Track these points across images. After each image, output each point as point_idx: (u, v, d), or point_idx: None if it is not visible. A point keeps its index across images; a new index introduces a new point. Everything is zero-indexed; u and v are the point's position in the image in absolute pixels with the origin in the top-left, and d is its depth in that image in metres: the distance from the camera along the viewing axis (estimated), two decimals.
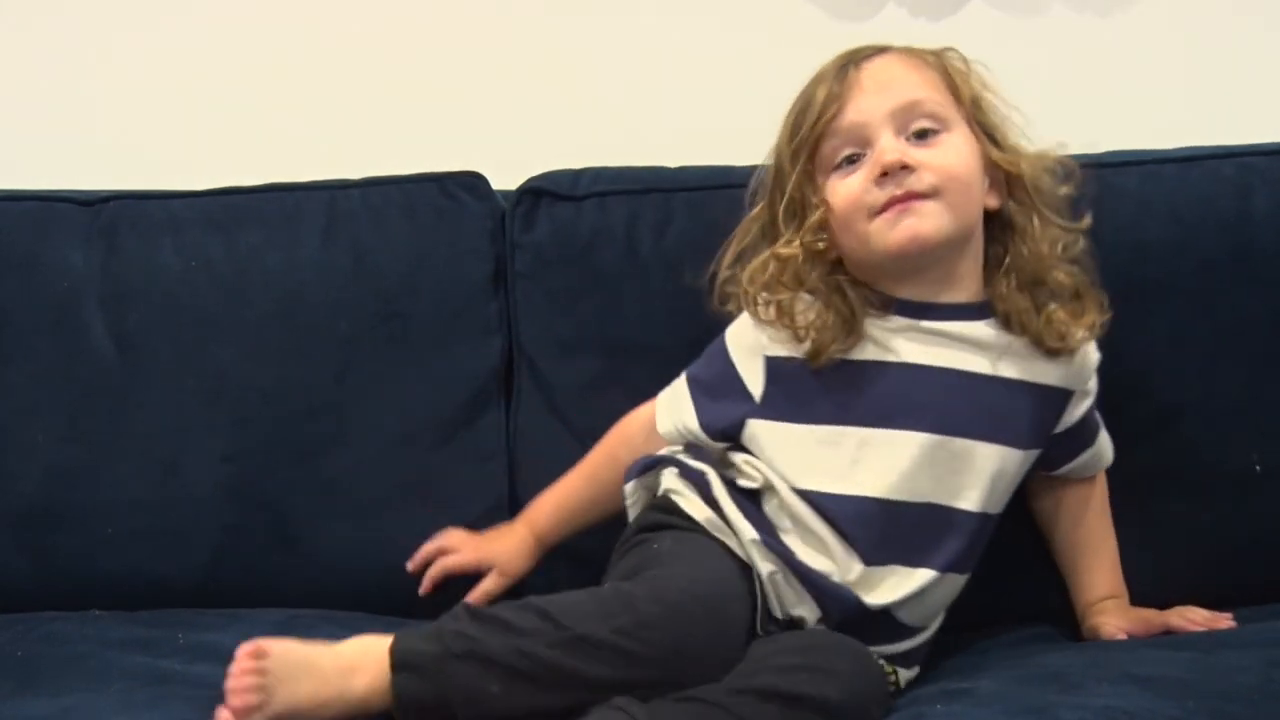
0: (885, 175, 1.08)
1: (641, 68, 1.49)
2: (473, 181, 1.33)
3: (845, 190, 1.09)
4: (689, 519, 1.10)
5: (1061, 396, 1.14)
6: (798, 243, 1.10)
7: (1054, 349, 1.11)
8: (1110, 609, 1.16)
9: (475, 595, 1.19)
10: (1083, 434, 1.17)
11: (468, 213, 1.32)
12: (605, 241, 1.28)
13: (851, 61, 1.13)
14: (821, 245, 1.10)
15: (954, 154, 1.10)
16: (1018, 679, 1.02)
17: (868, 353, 1.11)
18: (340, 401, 1.26)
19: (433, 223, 1.31)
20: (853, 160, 1.10)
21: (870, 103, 1.10)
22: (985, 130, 1.13)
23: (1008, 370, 1.12)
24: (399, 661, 0.96)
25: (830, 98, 1.11)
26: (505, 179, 1.34)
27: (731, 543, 1.08)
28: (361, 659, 0.97)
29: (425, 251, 1.30)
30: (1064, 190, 1.14)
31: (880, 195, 1.08)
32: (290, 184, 1.34)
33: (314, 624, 1.18)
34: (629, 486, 1.17)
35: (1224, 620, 1.12)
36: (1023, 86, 1.47)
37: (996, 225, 1.14)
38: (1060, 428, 1.15)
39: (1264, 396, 1.23)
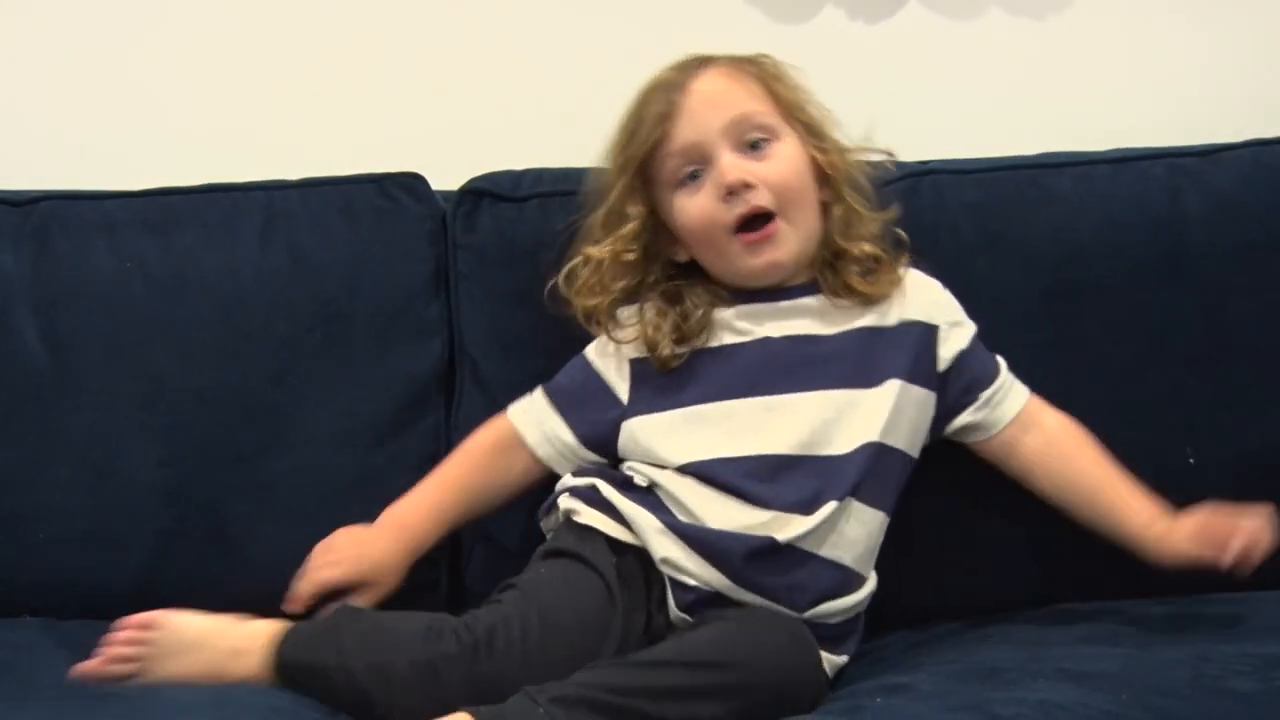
0: (731, 194, 1.14)
1: (583, 69, 1.49)
2: (412, 183, 1.33)
3: (696, 210, 1.16)
4: (592, 531, 1.13)
5: (923, 331, 1.19)
6: (608, 248, 1.17)
7: (874, 294, 1.19)
8: (1167, 533, 1.13)
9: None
10: (972, 370, 1.20)
11: (407, 214, 1.32)
12: (548, 243, 1.27)
13: (679, 77, 1.19)
14: (631, 257, 1.18)
15: (786, 163, 1.17)
16: (955, 675, 1.04)
17: (722, 338, 1.19)
18: (279, 403, 1.26)
19: (372, 224, 1.31)
20: (695, 176, 1.16)
21: (704, 120, 1.16)
22: (808, 131, 1.20)
23: (848, 323, 1.19)
24: (280, 664, 1.05)
25: (661, 116, 1.17)
26: (448, 181, 1.34)
27: (632, 539, 1.12)
28: (249, 644, 1.06)
29: (365, 253, 1.30)
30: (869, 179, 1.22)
31: (729, 214, 1.15)
32: (227, 184, 1.34)
33: None
34: (547, 522, 1.21)
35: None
36: (959, 88, 1.51)
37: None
38: (942, 365, 1.19)
39: (1195, 393, 1.25)
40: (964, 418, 1.19)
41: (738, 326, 1.19)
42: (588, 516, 1.14)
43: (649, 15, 1.46)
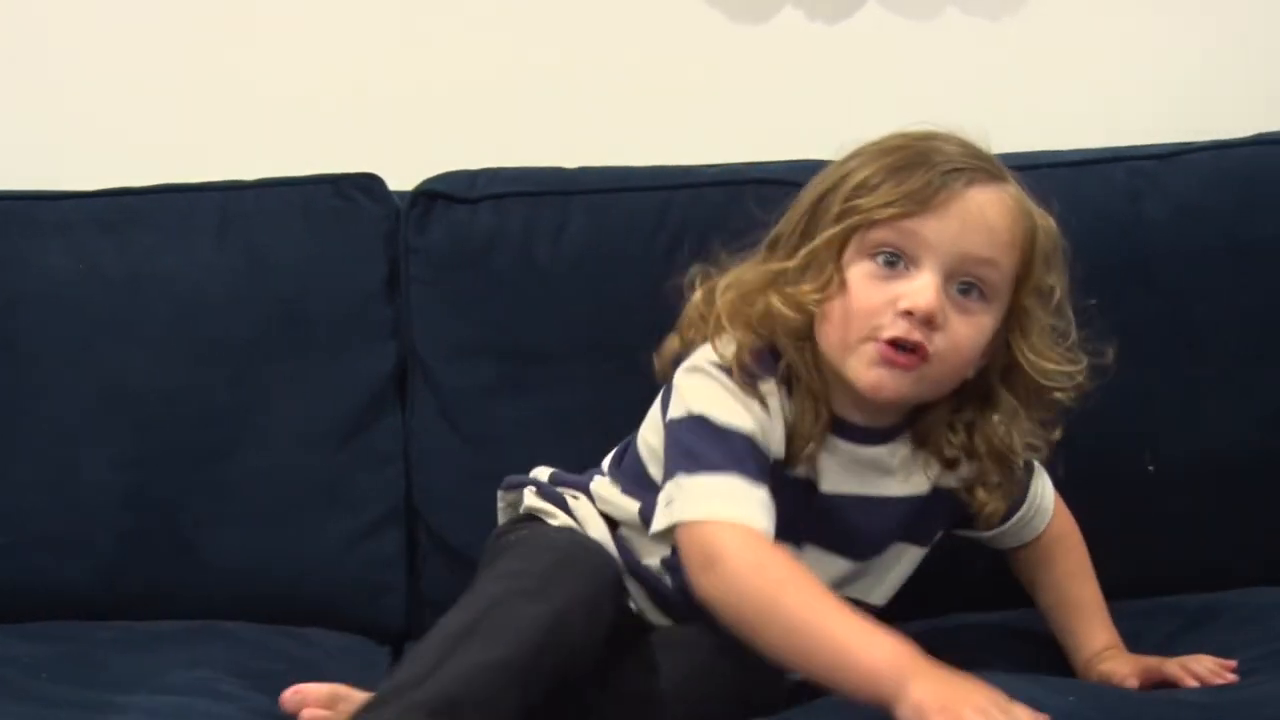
0: (909, 314, 1.01)
1: (539, 69, 1.50)
2: (368, 183, 1.34)
3: (867, 294, 1.03)
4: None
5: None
6: (803, 289, 1.04)
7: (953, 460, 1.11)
8: (1114, 657, 1.13)
9: None
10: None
11: (363, 215, 1.33)
12: (501, 244, 1.29)
13: (965, 174, 1.04)
14: (813, 308, 1.05)
15: (973, 335, 1.05)
16: None
17: (798, 469, 1.08)
18: (238, 405, 1.27)
19: (328, 225, 1.32)
20: (891, 263, 1.04)
21: (951, 234, 1.03)
22: (1022, 321, 1.07)
23: (917, 486, 1.10)
24: None
25: (920, 197, 1.03)
26: (407, 182, 1.34)
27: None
28: None
29: (321, 254, 1.31)
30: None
31: (890, 327, 1.02)
32: (183, 185, 1.34)
33: (210, 640, 1.20)
34: (500, 493, 1.19)
35: (1226, 674, 1.07)
36: (917, 88, 1.52)
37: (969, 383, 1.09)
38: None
39: (1156, 398, 1.27)
40: (988, 534, 1.15)
41: (814, 460, 1.09)
42: (553, 518, 1.12)
43: (606, 14, 1.47)
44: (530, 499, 1.16)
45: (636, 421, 1.15)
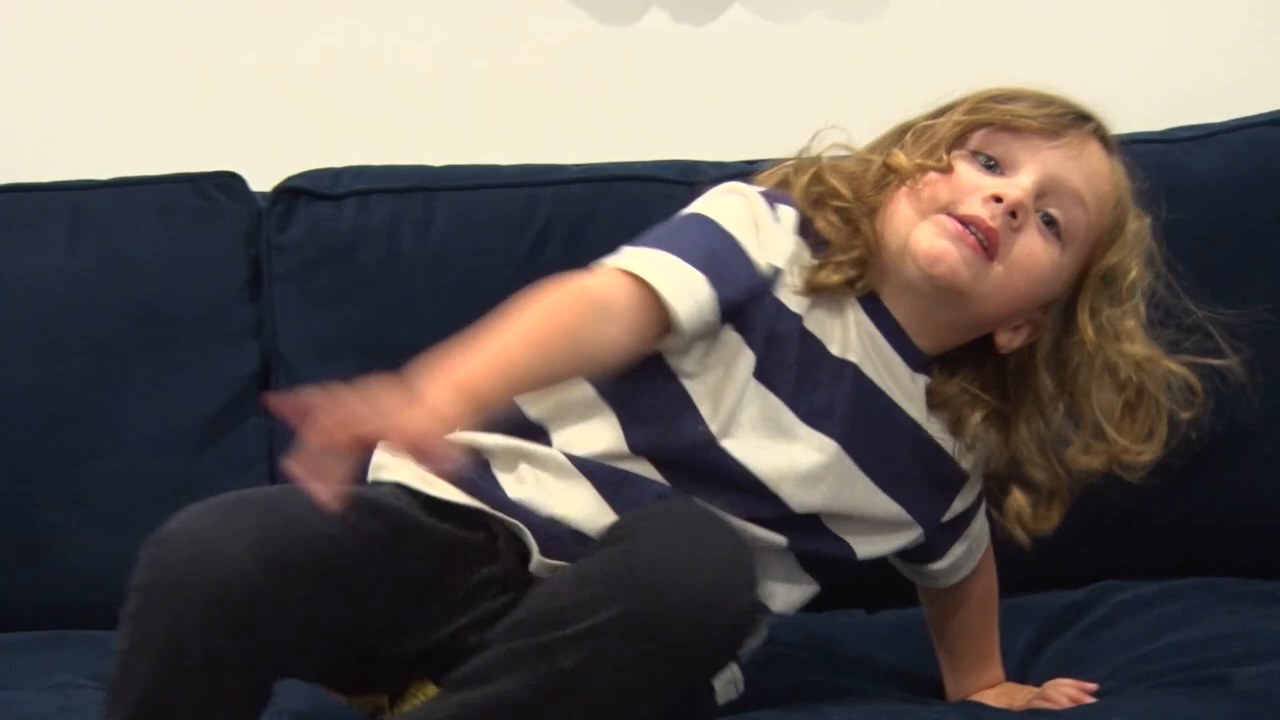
0: (999, 202, 1.01)
1: (404, 66, 1.51)
2: (229, 181, 1.34)
3: (962, 181, 1.03)
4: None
5: (958, 479, 1.10)
6: (908, 152, 1.04)
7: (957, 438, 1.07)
8: (987, 693, 1.14)
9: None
10: (964, 521, 1.12)
11: (223, 213, 1.33)
12: (366, 241, 1.30)
13: (1096, 125, 1.07)
14: (912, 171, 1.04)
15: (1042, 260, 1.03)
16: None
17: (830, 335, 1.05)
18: (95, 407, 1.27)
19: (187, 224, 1.33)
20: (990, 165, 1.05)
21: (1059, 158, 1.04)
22: (1097, 286, 1.05)
23: (931, 429, 1.07)
24: None
25: (1050, 121, 1.05)
26: (268, 182, 1.35)
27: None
28: None
29: (180, 254, 1.31)
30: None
31: (974, 205, 1.02)
32: (33, 184, 1.34)
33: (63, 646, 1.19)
34: None
35: (1086, 698, 1.09)
36: (780, 90, 1.55)
37: (1014, 363, 1.07)
38: (948, 515, 1.11)
39: None
40: (923, 563, 1.12)
41: (848, 335, 1.06)
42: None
43: (472, 14, 1.48)
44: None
45: None
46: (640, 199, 1.26)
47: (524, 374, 0.96)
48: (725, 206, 1.04)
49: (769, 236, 1.02)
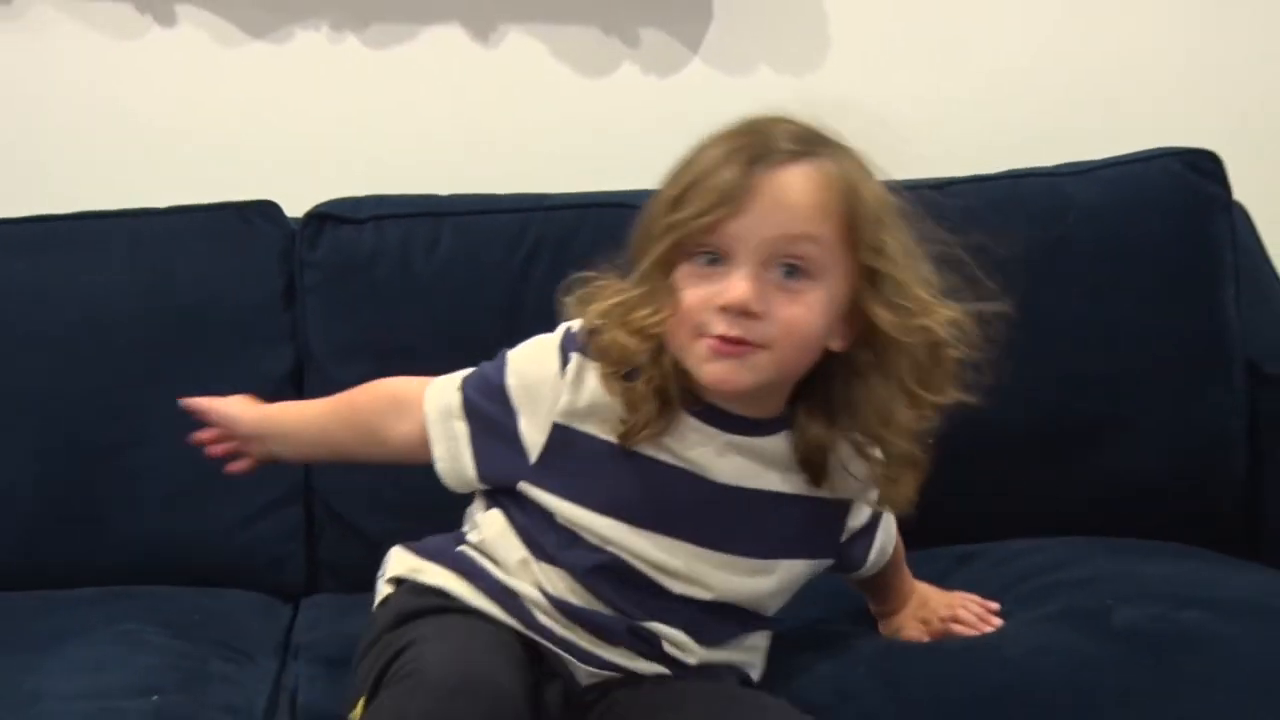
0: (724, 311, 1.00)
1: (417, 112, 1.66)
2: (267, 209, 1.48)
3: (691, 294, 1.01)
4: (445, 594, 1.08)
5: (840, 505, 1.11)
6: (640, 315, 1.02)
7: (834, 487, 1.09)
8: (907, 613, 1.21)
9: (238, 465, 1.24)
10: (871, 529, 1.15)
11: (262, 236, 1.46)
12: (382, 259, 1.42)
13: (761, 160, 1.01)
14: (657, 329, 1.02)
15: (805, 313, 1.01)
16: None
17: (662, 451, 1.05)
18: (148, 402, 1.37)
19: (231, 245, 1.45)
20: (714, 262, 1.01)
21: (754, 223, 1.00)
22: (871, 275, 1.02)
23: (794, 486, 1.08)
24: None
25: (724, 198, 1.00)
26: (302, 208, 1.48)
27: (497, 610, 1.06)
28: None
29: (224, 270, 1.44)
30: (953, 354, 1.04)
31: (714, 324, 1.00)
32: (96, 212, 1.46)
33: (127, 600, 1.31)
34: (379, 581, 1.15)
35: (992, 618, 1.19)
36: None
37: (838, 359, 1.06)
38: (846, 535, 1.13)
39: None
40: (853, 572, 1.18)
41: (684, 444, 1.06)
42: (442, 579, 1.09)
43: (471, 70, 1.64)
44: (416, 569, 1.10)
45: None
46: (615, 222, 1.38)
47: (314, 427, 1.21)
48: (528, 371, 1.07)
49: (565, 400, 1.04)
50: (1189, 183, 1.50)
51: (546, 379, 1.06)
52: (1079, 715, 1.08)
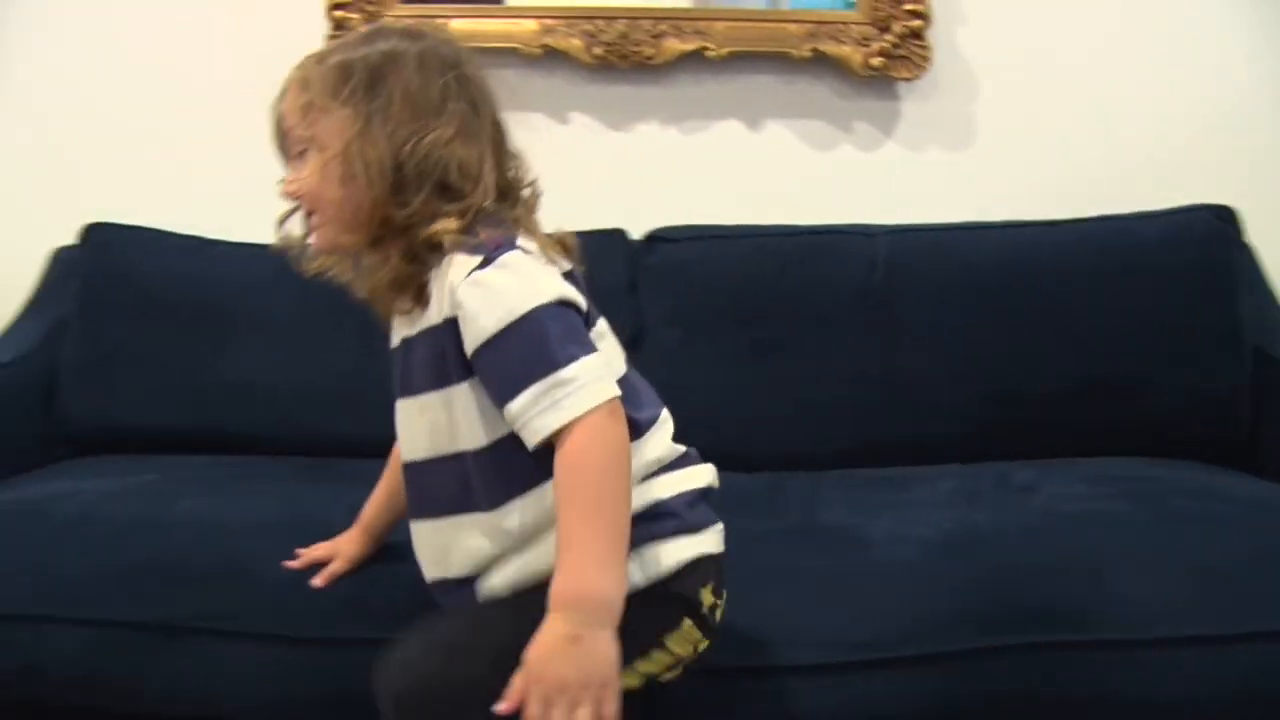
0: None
1: (716, 163, 2.22)
2: (617, 232, 2.02)
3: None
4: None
5: (449, 326, 1.12)
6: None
7: (397, 291, 1.16)
8: (559, 631, 1.05)
9: (322, 576, 1.39)
10: (495, 369, 1.10)
11: (613, 249, 2.02)
12: (693, 266, 2.00)
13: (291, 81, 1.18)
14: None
15: (311, 175, 1.14)
16: None
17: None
18: None
19: (594, 256, 1.77)
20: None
21: (280, 133, 1.18)
22: (367, 123, 1.12)
23: (419, 325, 1.14)
24: None
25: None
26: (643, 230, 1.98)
27: None
28: None
29: (595, 271, 1.91)
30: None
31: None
32: None
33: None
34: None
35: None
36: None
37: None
38: (469, 353, 1.11)
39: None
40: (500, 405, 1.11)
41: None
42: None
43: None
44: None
45: None
46: (830, 244, 1.98)
47: (393, 498, 1.34)
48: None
49: None
50: (1216, 228, 1.98)
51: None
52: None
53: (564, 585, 1.02)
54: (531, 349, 1.06)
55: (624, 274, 2.04)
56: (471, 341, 1.09)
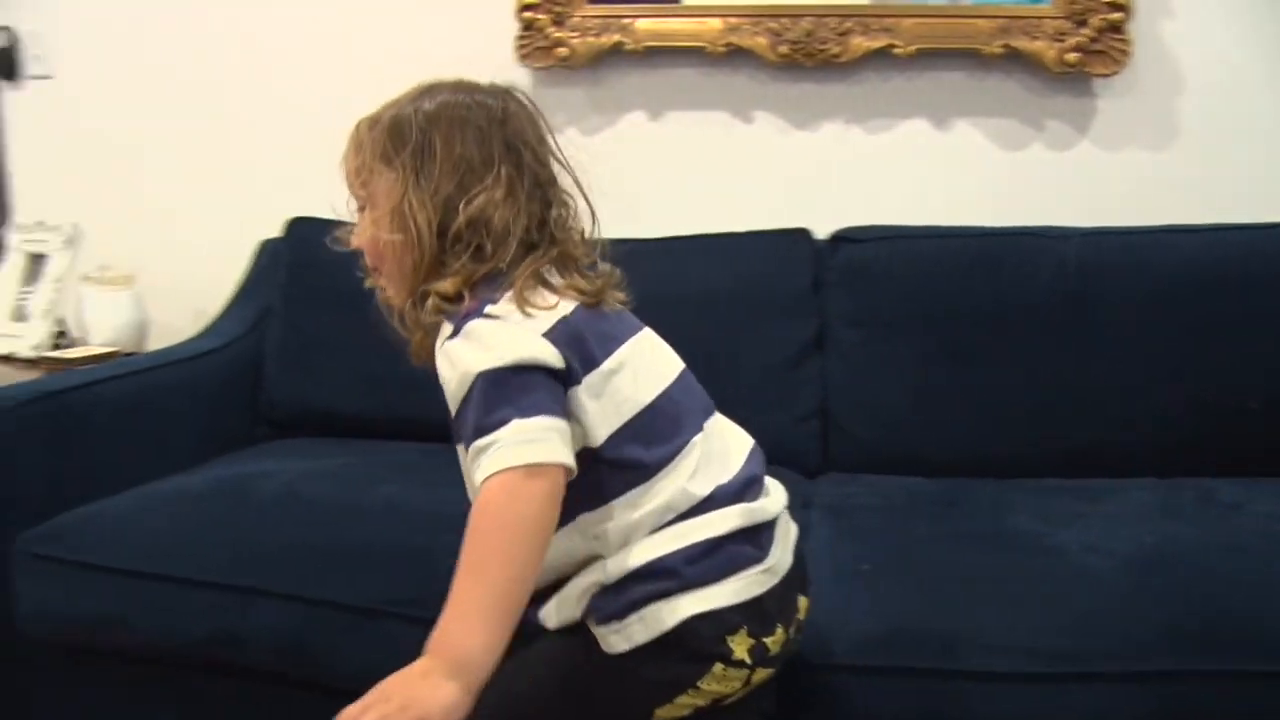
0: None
1: (899, 171, 2.23)
2: (799, 232, 2.10)
3: None
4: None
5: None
6: None
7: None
8: (418, 665, 1.06)
9: None
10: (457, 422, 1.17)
11: (796, 250, 2.09)
12: (874, 265, 2.04)
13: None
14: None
15: (365, 231, 1.21)
16: None
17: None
18: (715, 355, 1.64)
19: (774, 256, 2.09)
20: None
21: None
22: (412, 178, 1.17)
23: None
24: None
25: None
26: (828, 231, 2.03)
27: None
28: None
29: (774, 271, 2.10)
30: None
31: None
32: (683, 236, 2.13)
33: None
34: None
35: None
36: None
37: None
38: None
39: None
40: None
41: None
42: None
43: None
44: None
45: None
46: (1011, 246, 1.98)
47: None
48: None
49: None
50: None
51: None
52: None
53: (436, 632, 1.08)
54: (471, 412, 1.12)
55: (808, 274, 2.09)
56: (449, 405, 1.17)
